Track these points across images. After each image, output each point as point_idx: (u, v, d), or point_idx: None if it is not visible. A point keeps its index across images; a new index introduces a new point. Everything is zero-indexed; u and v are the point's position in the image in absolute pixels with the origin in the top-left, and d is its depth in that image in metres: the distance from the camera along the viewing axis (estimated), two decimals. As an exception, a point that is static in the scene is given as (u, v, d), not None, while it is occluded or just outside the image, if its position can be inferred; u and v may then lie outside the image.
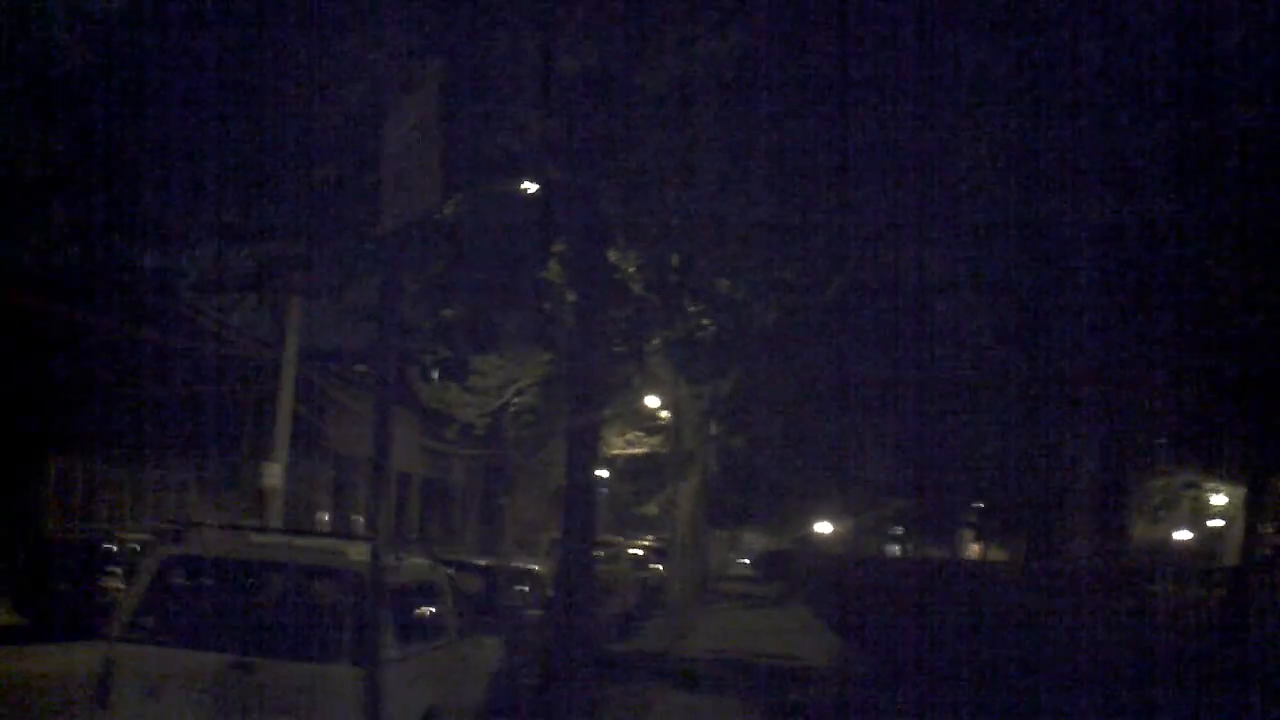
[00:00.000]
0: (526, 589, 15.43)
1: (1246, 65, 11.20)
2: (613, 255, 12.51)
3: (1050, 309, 15.72)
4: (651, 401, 29.87)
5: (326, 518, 32.27)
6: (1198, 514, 34.95)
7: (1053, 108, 11.04)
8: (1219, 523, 35.39)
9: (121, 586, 17.99)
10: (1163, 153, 12.07)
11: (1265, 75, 11.25)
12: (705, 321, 14.94)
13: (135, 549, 19.83)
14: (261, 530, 12.01)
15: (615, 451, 32.64)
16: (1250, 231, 13.70)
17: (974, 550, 42.51)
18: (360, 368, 34.69)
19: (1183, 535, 37.62)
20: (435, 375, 24.77)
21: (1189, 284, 14.80)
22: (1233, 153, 12.34)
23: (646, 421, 32.31)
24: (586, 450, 12.37)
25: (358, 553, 8.07)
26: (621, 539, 34.68)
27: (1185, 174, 12.41)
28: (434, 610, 9.62)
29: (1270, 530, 27.60)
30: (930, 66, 9.99)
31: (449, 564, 11.41)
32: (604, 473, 34.52)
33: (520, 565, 17.03)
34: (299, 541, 9.50)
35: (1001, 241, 13.86)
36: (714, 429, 32.83)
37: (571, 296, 12.53)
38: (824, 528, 53.40)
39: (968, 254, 14.15)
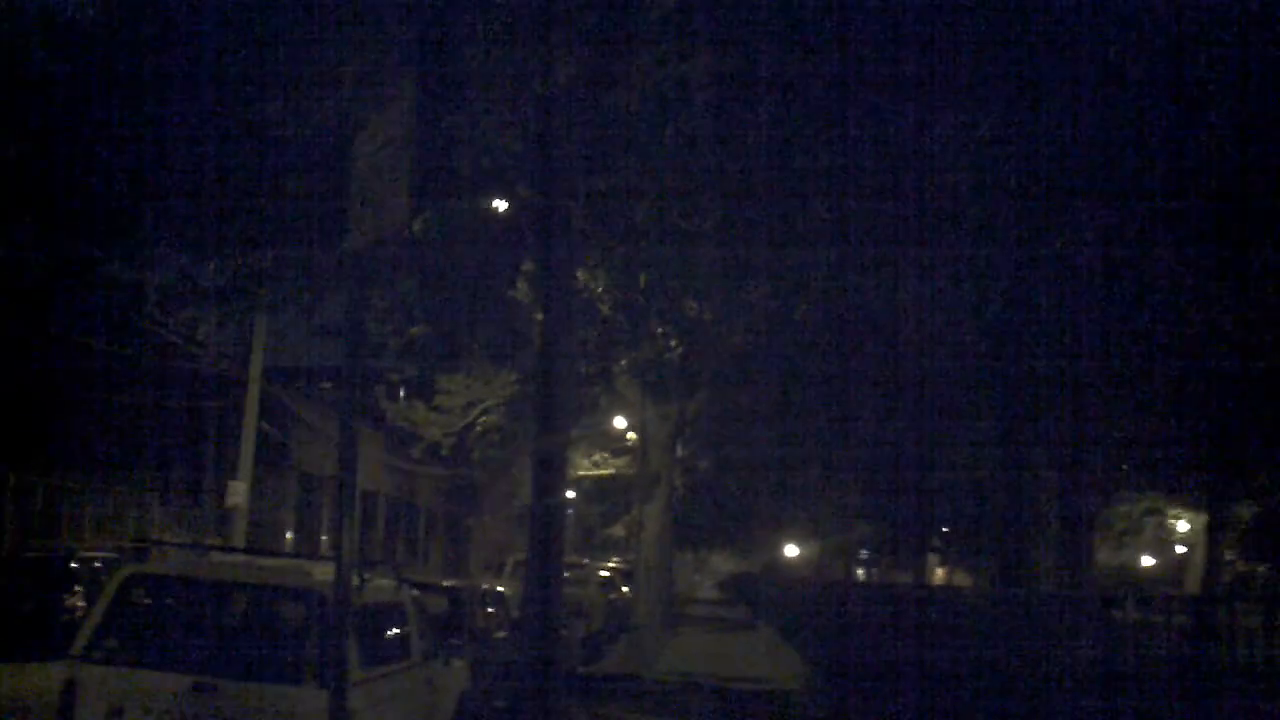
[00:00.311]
0: (492, 611, 15.34)
1: (1238, 83, 11.32)
2: (582, 275, 12.49)
3: (1018, 337, 15.83)
4: (619, 423, 29.83)
5: (291, 537, 32.00)
6: (1162, 540, 35.20)
7: (1035, 131, 11.14)
8: (1183, 549, 35.65)
9: (83, 605, 17.76)
10: (1146, 183, 12.20)
11: (1255, 95, 11.38)
12: (673, 343, 14.94)
13: (97, 567, 19.59)
14: (225, 549, 11.89)
15: (582, 472, 32.56)
16: (1220, 266, 13.86)
17: (939, 574, 42.66)
18: (326, 385, 34.51)
19: (1147, 561, 37.89)
20: (402, 394, 24.63)
21: (1156, 314, 14.94)
22: (1205, 185, 12.48)
23: (614, 443, 32.26)
24: (553, 471, 12.31)
25: (322, 573, 7.99)
26: (588, 561, 34.55)
27: (1166, 206, 12.54)
28: (400, 632, 9.54)
29: (1232, 557, 27.85)
30: (913, 87, 10.06)
31: (414, 585, 11.32)
32: (570, 494, 34.43)
33: (486, 587, 16.94)
34: (263, 561, 9.41)
35: (972, 268, 13.95)
36: (681, 451, 32.80)
37: (539, 316, 12.49)
38: (791, 551, 53.46)
39: (937, 282, 14.23)
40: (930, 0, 9.98)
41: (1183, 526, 33.32)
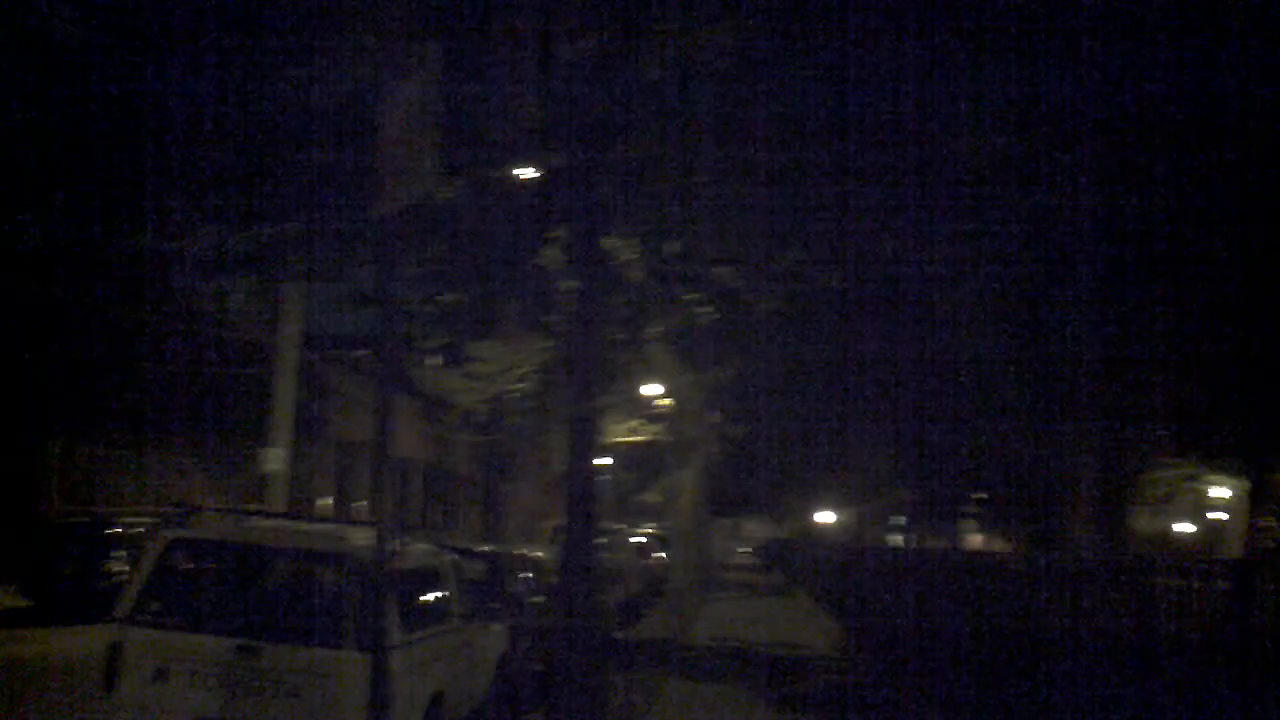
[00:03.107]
0: (530, 576, 15.46)
1: (1248, 62, 11.19)
2: (612, 242, 12.48)
3: (1052, 299, 15.71)
4: (652, 389, 29.87)
5: (329, 503, 32.33)
6: (1199, 507, 34.93)
7: (1053, 99, 11.04)
8: (1221, 515, 35.38)
9: (126, 570, 18.05)
10: (1164, 144, 12.08)
11: (1266, 73, 11.25)
12: (704, 310, 14.91)
13: (140, 532, 19.89)
14: (265, 515, 12.05)
15: (616, 439, 32.65)
16: (1251, 224, 13.70)
17: (975, 540, 42.54)
18: (361, 353, 34.74)
19: (1184, 528, 37.61)
20: (438, 360, 24.75)
21: (1191, 275, 14.80)
22: (1233, 148, 12.34)
23: (647, 409, 32.30)
24: (587, 437, 12.36)
25: (362, 538, 8.10)
26: (624, 527, 34.72)
27: (1186, 167, 12.41)
28: (438, 596, 9.65)
29: (1272, 522, 27.61)
30: (932, 55, 9.98)
31: (452, 550, 11.42)
32: (605, 460, 34.55)
33: (524, 552, 17.06)
34: (303, 526, 9.54)
35: (1004, 231, 13.85)
36: (714, 417, 32.82)
37: (570, 283, 12.50)
38: (826, 517, 53.41)
39: (970, 244, 14.14)
40: None
41: (1221, 493, 33.04)
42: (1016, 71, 10.69)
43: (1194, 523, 37.47)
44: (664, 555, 32.01)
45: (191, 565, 8.59)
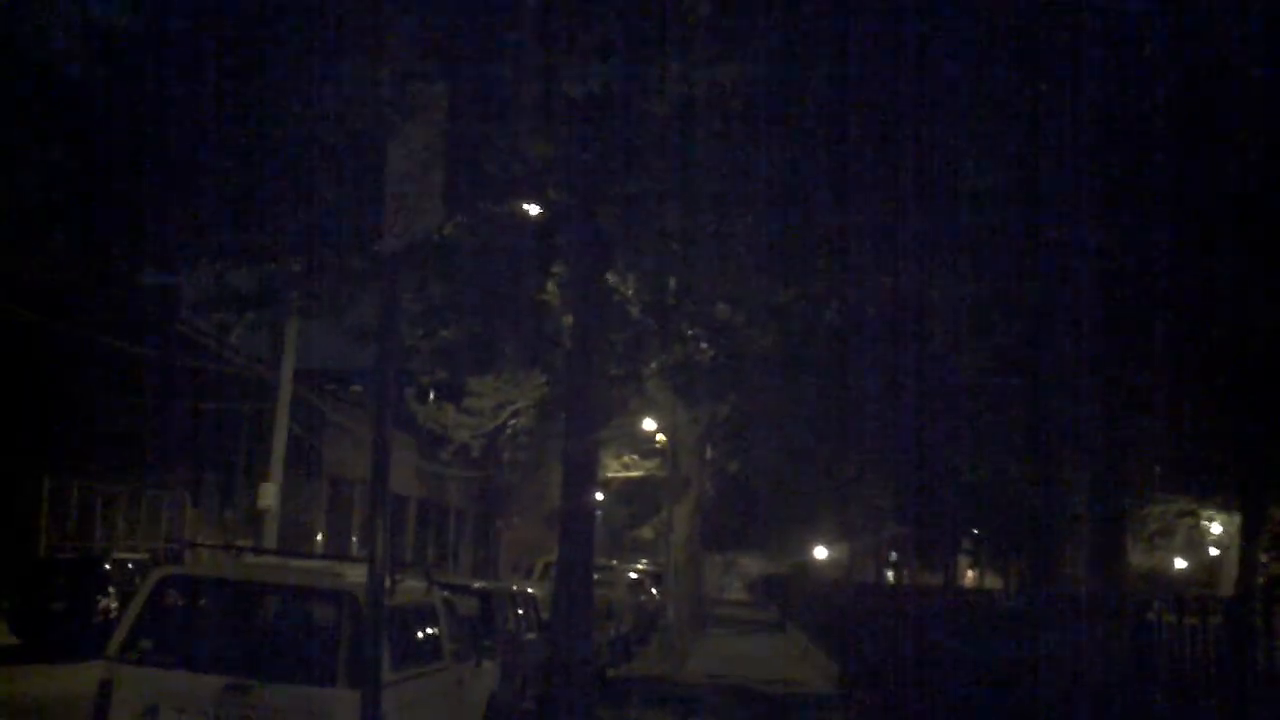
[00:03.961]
0: (523, 612, 15.38)
1: (1246, 82, 11.25)
2: (611, 278, 12.50)
3: (1047, 335, 15.71)
4: (648, 425, 29.86)
5: (321, 539, 32.18)
6: (1195, 542, 34.88)
7: (1051, 132, 11.10)
8: (1216, 551, 35.33)
9: (117, 606, 17.93)
10: (1161, 179, 12.13)
11: (1265, 92, 11.31)
12: (703, 346, 14.92)
13: (131, 569, 19.79)
14: (258, 551, 11.99)
15: (611, 474, 32.59)
16: (1248, 258, 13.74)
17: (969, 577, 42.48)
18: (357, 388, 34.72)
19: (1180, 564, 37.56)
20: (432, 396, 24.72)
21: (1185, 311, 14.82)
22: (1231, 182, 12.40)
23: (643, 445, 32.27)
24: (583, 473, 12.34)
25: (355, 575, 8.05)
26: (617, 562, 34.60)
27: (1183, 202, 12.46)
28: (430, 633, 9.59)
29: (1266, 559, 27.55)
30: (930, 92, 10.03)
31: (445, 587, 11.36)
32: (600, 495, 34.45)
33: (517, 588, 16.98)
34: (295, 563, 9.48)
35: (999, 268, 13.89)
36: (710, 453, 32.78)
37: (569, 319, 12.51)
38: (820, 553, 53.28)
39: (966, 280, 14.17)
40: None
41: (1216, 528, 33.00)
42: (1017, 102, 10.75)
43: (1190, 559, 37.42)
44: (657, 591, 31.89)
45: (184, 602, 8.53)
